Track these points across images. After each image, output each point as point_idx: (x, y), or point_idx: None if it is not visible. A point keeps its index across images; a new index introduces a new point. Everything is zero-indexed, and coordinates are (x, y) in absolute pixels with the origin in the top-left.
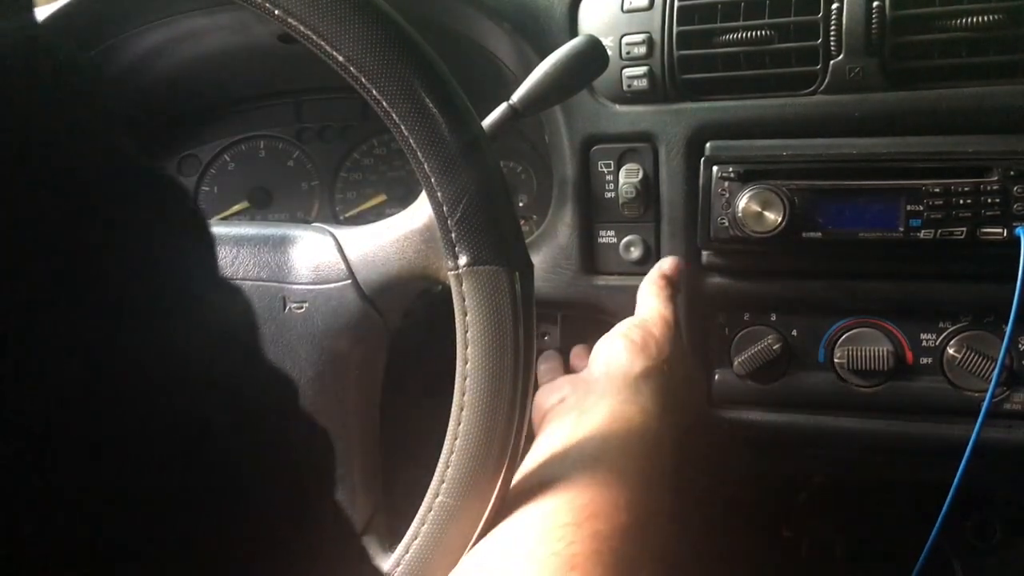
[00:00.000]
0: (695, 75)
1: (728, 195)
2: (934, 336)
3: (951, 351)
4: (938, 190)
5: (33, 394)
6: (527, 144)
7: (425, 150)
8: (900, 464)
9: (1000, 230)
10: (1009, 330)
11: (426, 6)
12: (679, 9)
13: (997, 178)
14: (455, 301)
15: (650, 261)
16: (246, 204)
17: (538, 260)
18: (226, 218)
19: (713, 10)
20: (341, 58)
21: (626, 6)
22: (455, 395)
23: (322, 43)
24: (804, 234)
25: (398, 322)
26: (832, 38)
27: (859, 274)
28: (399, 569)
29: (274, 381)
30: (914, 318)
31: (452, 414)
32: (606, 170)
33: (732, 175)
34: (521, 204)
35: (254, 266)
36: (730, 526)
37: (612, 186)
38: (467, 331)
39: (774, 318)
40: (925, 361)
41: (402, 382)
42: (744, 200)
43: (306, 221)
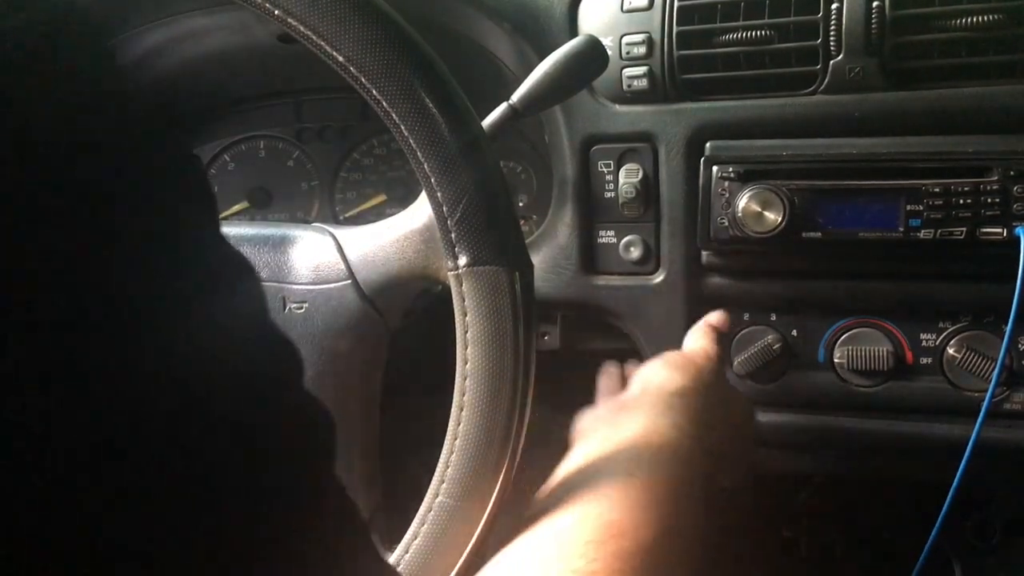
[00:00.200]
0: (695, 75)
1: (728, 195)
2: (934, 336)
3: (951, 351)
4: (938, 190)
5: (33, 392)
6: (527, 144)
7: (425, 150)
8: (900, 464)
9: (1000, 230)
10: (1009, 330)
11: (426, 6)
12: (679, 9)
13: (997, 178)
14: (455, 301)
15: (650, 261)
16: (246, 204)
17: (538, 260)
18: (226, 218)
19: (713, 10)
20: (341, 58)
21: (626, 6)
22: (455, 395)
23: (322, 43)
24: (804, 234)
25: (398, 322)
26: (832, 38)
27: (859, 274)
28: (399, 569)
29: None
30: (914, 318)
31: (452, 414)
32: (606, 170)
33: (732, 175)
34: (521, 204)
35: (254, 266)
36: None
37: (612, 186)
38: (467, 331)
39: (774, 318)
40: (925, 361)
41: (402, 382)
42: (744, 200)
43: (306, 221)
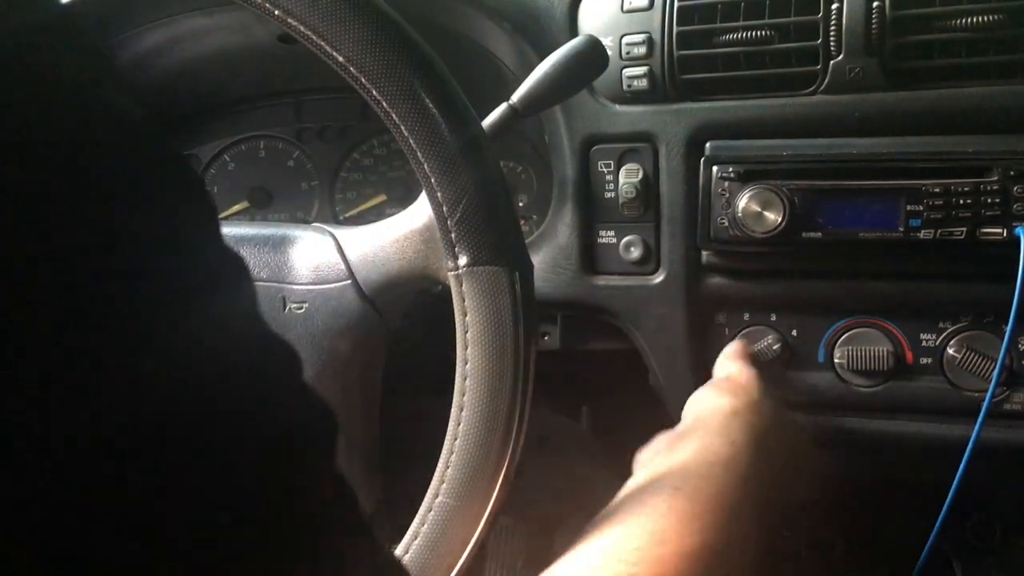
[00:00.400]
0: (695, 75)
1: (728, 195)
2: (934, 336)
3: (951, 351)
4: (938, 190)
5: (33, 392)
6: (527, 144)
7: (425, 150)
8: (900, 464)
9: (1000, 230)
10: (1009, 330)
11: (426, 6)
12: (679, 9)
13: (997, 178)
14: (455, 301)
15: (650, 261)
16: (246, 204)
17: (538, 260)
18: (226, 218)
19: (713, 10)
20: (341, 58)
21: (626, 6)
22: (455, 395)
23: (322, 43)
24: (804, 234)
25: (398, 322)
26: (832, 38)
27: (859, 274)
28: None
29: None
30: (914, 318)
31: (452, 414)
32: (606, 170)
33: (732, 175)
34: (521, 204)
35: (254, 266)
36: None
37: (612, 186)
38: (467, 331)
39: (774, 318)
40: (925, 361)
41: (402, 382)
42: (744, 200)
43: (306, 221)
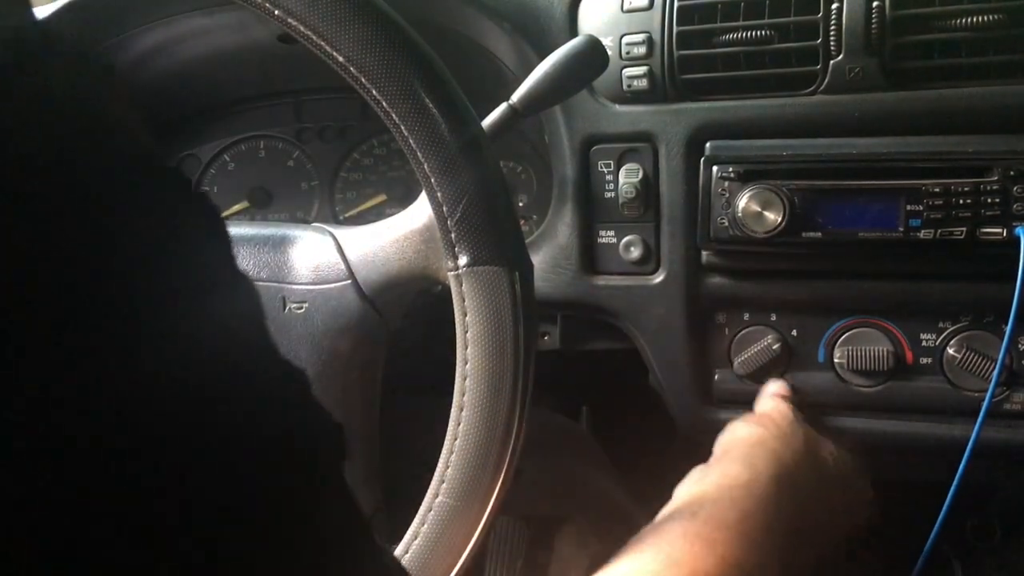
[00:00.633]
0: (695, 75)
1: (728, 195)
2: (934, 336)
3: (951, 351)
4: (938, 190)
5: (33, 392)
6: (527, 144)
7: (425, 150)
8: (900, 464)
9: (1000, 230)
10: (1009, 330)
11: (426, 6)
12: (679, 9)
13: (997, 178)
14: (455, 301)
15: (650, 261)
16: (246, 204)
17: (538, 260)
18: (226, 218)
19: (713, 10)
20: (341, 58)
21: (626, 6)
22: (455, 395)
23: (322, 43)
24: (804, 234)
25: (398, 322)
26: (832, 38)
27: (859, 274)
28: None
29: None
30: (914, 318)
31: (452, 414)
32: (606, 170)
33: (732, 175)
34: (521, 204)
35: (254, 266)
36: None
37: (612, 186)
38: (467, 331)
39: (774, 318)
40: (925, 361)
41: (402, 382)
42: (744, 200)
43: (306, 221)
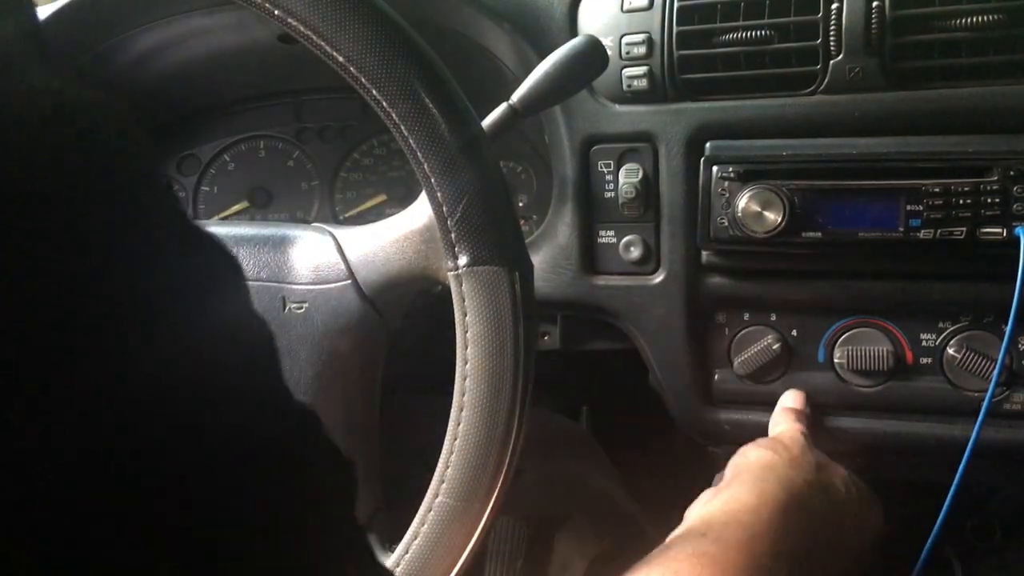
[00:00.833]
0: (695, 75)
1: (728, 195)
2: (934, 336)
3: (951, 351)
4: (938, 190)
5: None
6: (527, 144)
7: (425, 150)
8: (900, 464)
9: (1000, 230)
10: (1009, 330)
11: (426, 6)
12: (679, 9)
13: (997, 178)
14: (455, 301)
15: (650, 261)
16: (246, 204)
17: (538, 260)
18: (226, 218)
19: (713, 10)
20: (341, 58)
21: (626, 6)
22: (455, 395)
23: (322, 43)
24: (804, 234)
25: (398, 322)
26: (832, 38)
27: (859, 274)
28: (399, 569)
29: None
30: (914, 318)
31: (452, 414)
32: (606, 170)
33: (732, 175)
34: (521, 204)
35: (254, 266)
36: None
37: (612, 186)
38: (467, 331)
39: (774, 318)
40: (925, 361)
41: (402, 382)
42: (744, 200)
43: (306, 221)
